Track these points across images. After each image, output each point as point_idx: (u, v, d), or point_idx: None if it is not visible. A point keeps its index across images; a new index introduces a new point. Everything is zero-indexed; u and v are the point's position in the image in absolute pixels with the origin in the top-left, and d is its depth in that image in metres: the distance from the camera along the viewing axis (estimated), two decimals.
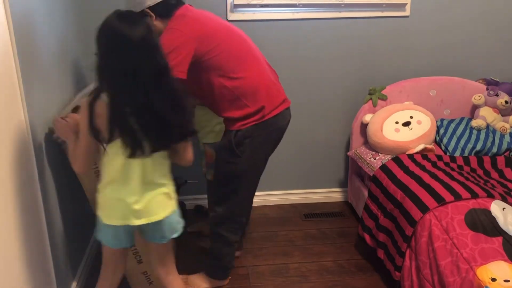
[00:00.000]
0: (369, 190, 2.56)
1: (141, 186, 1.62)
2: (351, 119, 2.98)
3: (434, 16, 2.93)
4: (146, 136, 1.54)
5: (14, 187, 1.60)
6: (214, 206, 2.23)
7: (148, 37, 1.49)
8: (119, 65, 1.48)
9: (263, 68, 2.11)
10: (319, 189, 3.16)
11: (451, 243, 1.91)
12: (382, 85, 2.94)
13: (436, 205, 2.08)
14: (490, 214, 1.98)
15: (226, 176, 2.15)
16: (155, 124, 1.54)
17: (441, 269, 1.89)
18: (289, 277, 2.45)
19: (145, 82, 1.49)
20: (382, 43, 2.94)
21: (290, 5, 2.79)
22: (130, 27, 1.48)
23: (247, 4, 2.74)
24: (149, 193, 1.64)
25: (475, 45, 3.01)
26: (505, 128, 2.78)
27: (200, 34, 1.95)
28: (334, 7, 2.83)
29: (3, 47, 1.56)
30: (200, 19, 2.00)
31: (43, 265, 1.86)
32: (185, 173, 3.03)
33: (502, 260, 1.78)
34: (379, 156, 2.68)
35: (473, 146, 2.68)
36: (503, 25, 3.00)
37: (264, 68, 2.11)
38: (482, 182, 2.31)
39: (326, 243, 2.74)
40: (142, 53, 1.48)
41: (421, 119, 2.74)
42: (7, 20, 1.58)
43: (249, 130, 2.05)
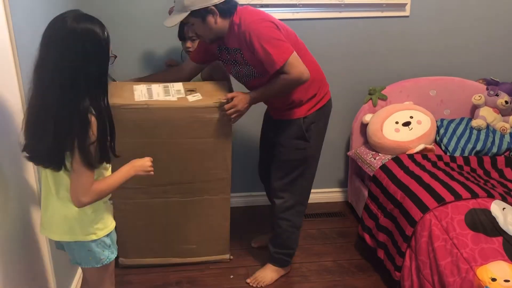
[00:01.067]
0: (369, 190, 2.56)
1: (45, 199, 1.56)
2: (351, 119, 2.98)
3: (434, 16, 2.92)
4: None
5: (13, 188, 1.60)
6: (281, 193, 2.28)
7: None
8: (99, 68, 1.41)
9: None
10: (319, 189, 3.16)
11: (451, 243, 1.91)
12: (382, 85, 2.94)
13: (436, 205, 2.08)
14: (490, 214, 1.98)
15: (295, 162, 2.22)
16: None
17: (441, 269, 1.89)
18: (289, 277, 2.45)
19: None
20: (382, 43, 2.94)
21: (290, 5, 2.79)
22: (101, 26, 1.41)
23: (247, 4, 2.74)
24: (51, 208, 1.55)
25: (475, 45, 3.01)
26: (505, 128, 2.78)
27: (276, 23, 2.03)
28: (334, 7, 2.83)
29: (3, 47, 1.56)
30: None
31: (41, 269, 1.85)
32: None
33: (502, 260, 1.78)
34: (379, 156, 2.68)
35: (473, 146, 2.68)
36: (503, 25, 3.00)
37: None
38: (482, 182, 2.31)
39: (326, 243, 2.74)
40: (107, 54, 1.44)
41: (421, 119, 2.74)
42: (7, 20, 1.58)
43: (314, 116, 2.19)
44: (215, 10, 1.96)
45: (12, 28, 1.60)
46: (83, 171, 1.40)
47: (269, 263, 2.43)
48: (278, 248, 2.39)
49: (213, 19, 1.98)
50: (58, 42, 1.36)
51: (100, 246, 1.59)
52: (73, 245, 1.59)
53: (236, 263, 2.53)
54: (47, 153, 1.42)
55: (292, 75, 1.95)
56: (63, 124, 1.37)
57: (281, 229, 2.33)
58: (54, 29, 1.38)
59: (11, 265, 1.56)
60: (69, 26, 1.36)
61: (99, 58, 1.40)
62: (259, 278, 2.38)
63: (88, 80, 1.37)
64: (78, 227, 1.54)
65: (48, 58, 1.36)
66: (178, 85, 2.19)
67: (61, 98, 1.36)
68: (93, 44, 1.38)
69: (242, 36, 1.97)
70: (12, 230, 1.58)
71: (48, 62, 1.36)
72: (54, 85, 1.36)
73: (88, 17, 1.41)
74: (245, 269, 2.50)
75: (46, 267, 1.87)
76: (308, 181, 2.34)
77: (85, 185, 1.42)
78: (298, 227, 2.38)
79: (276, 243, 2.38)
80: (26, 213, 1.70)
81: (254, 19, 1.98)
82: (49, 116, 1.37)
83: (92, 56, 1.38)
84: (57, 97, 1.36)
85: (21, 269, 1.64)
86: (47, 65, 1.36)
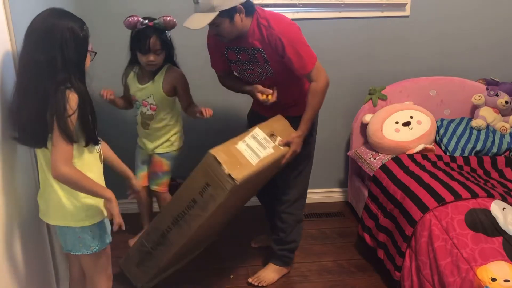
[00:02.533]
0: (369, 190, 2.56)
1: (42, 184, 1.62)
2: (351, 119, 2.98)
3: (434, 16, 2.93)
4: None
5: (14, 189, 1.60)
6: (287, 190, 2.32)
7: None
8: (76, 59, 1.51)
9: None
10: (319, 189, 3.16)
11: (451, 243, 1.91)
12: (382, 85, 2.94)
13: (436, 205, 2.08)
14: (490, 214, 1.98)
15: (301, 157, 2.24)
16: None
17: (441, 269, 1.89)
18: (289, 277, 2.45)
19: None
20: (382, 43, 2.94)
21: (290, 5, 2.79)
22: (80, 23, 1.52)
23: None
24: (46, 192, 1.61)
25: (475, 45, 3.01)
26: (505, 128, 2.78)
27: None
28: (334, 7, 2.83)
29: (3, 47, 1.56)
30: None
31: (43, 267, 1.86)
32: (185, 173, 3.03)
33: (502, 260, 1.78)
34: (379, 156, 2.68)
35: (473, 146, 2.68)
36: (503, 25, 3.00)
37: None
38: (482, 182, 2.31)
39: (326, 243, 2.74)
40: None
41: (421, 119, 2.74)
42: (7, 20, 1.58)
43: None
44: (242, 9, 1.96)
45: (12, 28, 1.60)
46: (61, 142, 1.45)
47: (271, 263, 2.43)
48: (282, 245, 2.39)
49: (240, 17, 1.97)
50: (37, 34, 1.46)
51: (90, 234, 1.63)
52: (66, 230, 1.63)
53: (236, 263, 2.53)
54: (31, 131, 1.51)
55: (320, 82, 2.07)
56: (41, 101, 1.46)
57: (286, 224, 2.34)
58: (35, 23, 1.48)
59: (12, 268, 1.57)
60: (48, 21, 1.47)
61: (75, 50, 1.48)
62: (261, 278, 2.39)
63: (65, 67, 1.46)
64: (69, 212, 1.58)
65: (28, 50, 1.47)
66: (261, 133, 2.10)
67: (38, 78, 1.46)
68: (70, 37, 1.46)
69: (272, 39, 2.01)
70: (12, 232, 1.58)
71: (28, 53, 1.47)
72: (32, 70, 1.46)
73: (68, 14, 1.52)
74: (245, 269, 2.50)
75: (47, 270, 1.88)
76: (309, 174, 2.40)
77: (64, 156, 1.47)
78: (301, 221, 2.42)
79: (281, 240, 2.38)
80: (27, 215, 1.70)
81: (285, 23, 2.03)
82: (28, 96, 1.48)
83: (68, 48, 1.46)
84: (35, 78, 1.47)
85: (22, 271, 1.64)
86: (27, 55, 1.47)
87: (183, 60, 2.46)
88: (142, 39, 2.23)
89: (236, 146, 1.98)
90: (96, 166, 1.64)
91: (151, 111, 2.39)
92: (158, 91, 2.35)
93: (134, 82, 2.39)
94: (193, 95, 2.48)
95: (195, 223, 1.99)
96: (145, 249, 2.16)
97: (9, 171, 1.57)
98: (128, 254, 2.27)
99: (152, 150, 2.48)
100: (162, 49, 2.27)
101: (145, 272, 2.22)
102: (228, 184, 1.84)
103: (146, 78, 2.36)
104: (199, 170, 1.93)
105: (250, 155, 1.99)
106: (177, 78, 2.36)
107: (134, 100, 2.43)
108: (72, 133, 1.46)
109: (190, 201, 1.97)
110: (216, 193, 1.89)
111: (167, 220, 2.06)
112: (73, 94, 1.46)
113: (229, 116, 2.92)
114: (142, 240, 2.17)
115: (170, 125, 2.45)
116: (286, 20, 2.07)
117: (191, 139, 3.01)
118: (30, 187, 1.75)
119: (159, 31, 2.25)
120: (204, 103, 2.59)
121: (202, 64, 2.43)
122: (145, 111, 2.39)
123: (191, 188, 1.96)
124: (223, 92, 2.43)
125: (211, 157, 1.86)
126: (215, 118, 2.93)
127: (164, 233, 2.09)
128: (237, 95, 2.35)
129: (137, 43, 2.25)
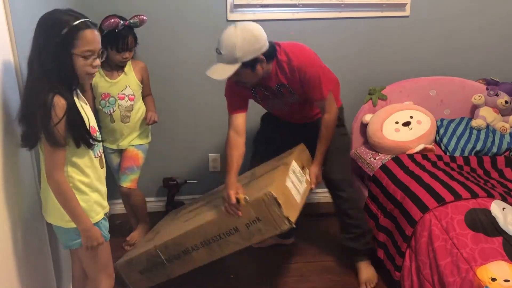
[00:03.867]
0: (369, 190, 2.56)
1: (43, 183, 1.63)
2: (351, 119, 2.98)
3: (434, 16, 2.93)
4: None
5: (14, 189, 1.60)
6: (343, 184, 2.35)
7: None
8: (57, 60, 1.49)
9: None
10: (319, 189, 3.15)
11: (451, 243, 1.91)
12: (382, 85, 2.94)
13: (436, 205, 2.08)
14: (490, 214, 1.98)
15: (342, 150, 2.36)
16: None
17: (441, 269, 1.89)
18: (289, 277, 2.45)
19: None
20: (382, 43, 2.94)
21: (290, 5, 2.79)
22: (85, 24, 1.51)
23: (247, 4, 2.74)
24: (46, 191, 1.62)
25: (475, 45, 3.01)
26: (505, 128, 2.78)
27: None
28: (334, 7, 2.83)
29: (3, 47, 1.56)
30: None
31: (43, 266, 1.86)
32: (185, 173, 3.04)
33: (502, 260, 1.78)
34: (379, 156, 2.68)
35: (473, 146, 2.68)
36: (503, 25, 3.00)
37: None
38: (482, 182, 2.31)
39: (326, 243, 2.74)
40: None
41: (421, 119, 2.74)
42: (7, 20, 1.58)
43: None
44: (264, 59, 2.02)
45: (12, 28, 1.60)
46: (50, 149, 1.48)
47: (362, 262, 2.41)
48: (364, 238, 2.38)
49: (261, 66, 2.03)
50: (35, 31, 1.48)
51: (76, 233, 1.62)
52: (62, 230, 1.64)
53: (237, 263, 2.53)
54: (29, 134, 1.52)
55: (333, 114, 2.19)
56: (29, 107, 1.48)
57: (356, 218, 2.38)
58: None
59: (12, 267, 1.57)
60: (46, 15, 1.49)
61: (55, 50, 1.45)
62: (368, 280, 2.36)
63: (45, 70, 1.45)
64: (62, 213, 1.58)
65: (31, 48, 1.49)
66: (296, 166, 2.16)
67: (28, 84, 1.49)
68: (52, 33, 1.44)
69: (293, 71, 2.09)
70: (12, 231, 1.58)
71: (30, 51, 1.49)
72: (28, 69, 1.49)
73: (74, 13, 1.50)
74: (245, 269, 2.50)
75: (47, 268, 1.88)
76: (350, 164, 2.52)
77: (55, 162, 1.50)
78: (362, 208, 2.49)
79: (358, 236, 2.37)
80: (27, 215, 1.70)
81: (302, 52, 2.12)
82: (27, 97, 1.51)
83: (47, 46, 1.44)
84: (27, 84, 1.50)
85: (21, 270, 1.64)
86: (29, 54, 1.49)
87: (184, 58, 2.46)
88: (120, 39, 2.36)
89: (286, 185, 1.99)
90: (92, 170, 1.62)
91: (130, 101, 2.50)
92: (133, 81, 2.50)
93: (103, 80, 2.46)
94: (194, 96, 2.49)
95: (229, 249, 2.01)
96: (158, 259, 2.12)
97: (9, 170, 1.57)
98: (130, 259, 2.21)
99: (128, 144, 2.57)
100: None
101: (149, 279, 2.20)
102: (284, 225, 1.88)
103: (115, 74, 2.48)
104: (253, 204, 1.90)
105: (296, 193, 2.04)
106: (143, 68, 2.54)
107: (105, 99, 2.47)
108: (59, 139, 1.46)
109: (231, 228, 1.97)
110: (266, 229, 1.91)
111: (195, 239, 2.03)
112: (60, 99, 1.45)
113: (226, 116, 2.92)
114: (156, 251, 2.12)
115: (143, 115, 2.56)
116: (303, 50, 2.14)
117: (189, 139, 3.02)
118: (31, 186, 1.75)
119: (132, 29, 2.41)
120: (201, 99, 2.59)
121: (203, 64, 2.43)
122: (124, 103, 2.48)
123: (236, 217, 1.94)
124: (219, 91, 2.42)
125: (272, 198, 1.85)
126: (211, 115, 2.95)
127: (189, 250, 2.06)
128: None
129: (113, 42, 2.36)
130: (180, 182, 3.00)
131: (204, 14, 2.74)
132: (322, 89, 2.13)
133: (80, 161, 1.58)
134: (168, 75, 2.84)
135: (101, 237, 1.64)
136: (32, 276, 1.73)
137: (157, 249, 2.12)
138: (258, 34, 1.98)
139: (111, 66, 2.47)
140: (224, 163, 3.04)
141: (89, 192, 1.61)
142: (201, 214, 2.18)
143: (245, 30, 1.96)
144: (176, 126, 2.95)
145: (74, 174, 1.57)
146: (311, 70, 2.10)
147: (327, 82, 2.15)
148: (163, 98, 2.79)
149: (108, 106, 2.47)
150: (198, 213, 2.22)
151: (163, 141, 2.93)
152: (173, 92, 2.87)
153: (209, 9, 2.74)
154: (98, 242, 1.63)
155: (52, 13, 1.50)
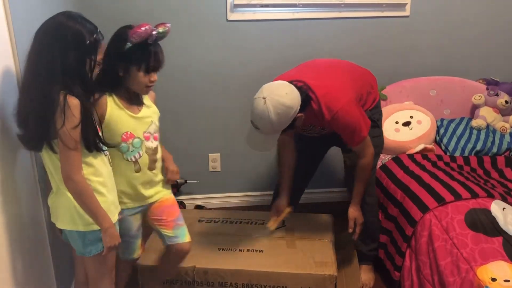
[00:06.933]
0: None
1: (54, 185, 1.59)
2: None
3: (434, 16, 2.93)
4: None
5: (14, 188, 1.60)
6: (368, 188, 2.28)
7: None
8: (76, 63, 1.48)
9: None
10: (319, 189, 3.16)
11: (451, 243, 1.91)
12: (382, 85, 2.94)
13: (436, 205, 2.08)
14: (490, 214, 1.98)
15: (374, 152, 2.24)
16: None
17: (441, 269, 1.89)
18: None
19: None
20: (382, 43, 2.94)
21: (290, 5, 2.79)
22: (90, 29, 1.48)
23: (247, 4, 2.74)
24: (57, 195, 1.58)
25: (475, 45, 3.01)
26: (505, 128, 2.78)
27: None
28: (334, 7, 2.83)
29: (3, 47, 1.56)
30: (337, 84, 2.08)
31: (43, 265, 1.86)
32: (185, 173, 3.04)
33: (502, 260, 1.78)
34: None
35: (473, 146, 2.68)
36: (503, 25, 3.00)
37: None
38: (482, 182, 2.31)
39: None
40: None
41: (421, 119, 2.74)
42: (7, 20, 1.58)
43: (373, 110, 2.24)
44: (301, 116, 1.92)
45: (12, 28, 1.60)
46: (66, 150, 1.45)
47: (364, 265, 2.41)
48: (372, 242, 2.39)
49: (300, 119, 1.94)
50: (43, 34, 1.44)
51: (99, 237, 1.59)
52: (75, 234, 1.60)
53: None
54: (33, 137, 1.49)
55: (368, 158, 2.11)
56: (39, 104, 1.42)
57: (371, 223, 2.34)
58: (45, 23, 1.45)
59: (12, 266, 1.57)
60: (57, 21, 1.44)
61: (76, 56, 1.44)
62: (367, 282, 2.38)
63: (64, 71, 1.42)
64: (77, 216, 1.55)
65: (33, 49, 1.44)
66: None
67: (38, 80, 1.43)
68: (72, 40, 1.42)
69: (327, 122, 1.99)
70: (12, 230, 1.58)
71: (33, 52, 1.44)
72: (34, 71, 1.44)
73: (80, 18, 1.47)
74: None
75: (47, 267, 1.88)
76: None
77: (73, 163, 1.47)
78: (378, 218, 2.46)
79: (369, 239, 2.37)
80: (27, 213, 1.70)
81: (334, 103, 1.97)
82: (28, 98, 1.45)
83: (69, 52, 1.42)
84: (35, 79, 1.43)
85: (22, 269, 1.64)
86: (32, 55, 1.44)
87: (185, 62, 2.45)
88: (152, 55, 1.70)
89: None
90: (105, 170, 1.61)
91: (156, 142, 1.87)
92: (156, 114, 1.89)
93: (124, 115, 1.76)
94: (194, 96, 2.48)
95: None
96: (188, 278, 2.10)
97: (9, 172, 1.57)
98: (156, 267, 2.10)
99: (162, 195, 1.94)
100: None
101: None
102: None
103: (134, 104, 1.79)
104: (315, 278, 2.06)
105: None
106: (153, 95, 1.93)
107: (127, 141, 1.76)
108: (77, 141, 1.45)
109: (280, 286, 2.08)
110: None
111: (241, 278, 2.07)
112: (74, 101, 1.42)
113: (226, 117, 2.92)
114: (193, 272, 2.09)
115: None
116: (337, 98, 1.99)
117: (189, 139, 3.02)
118: (30, 188, 1.75)
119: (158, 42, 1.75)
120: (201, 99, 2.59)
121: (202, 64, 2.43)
122: (150, 145, 1.84)
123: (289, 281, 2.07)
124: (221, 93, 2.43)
125: (334, 279, 2.05)
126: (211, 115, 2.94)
127: (227, 284, 2.09)
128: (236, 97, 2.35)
129: (143, 59, 1.68)
130: (180, 182, 3.00)
131: (204, 13, 2.74)
132: (355, 139, 2.04)
133: (95, 161, 1.57)
134: (168, 75, 2.84)
135: (119, 237, 1.63)
136: (32, 278, 1.73)
137: (195, 271, 2.08)
138: (289, 102, 1.82)
139: (130, 93, 1.76)
140: (224, 163, 3.06)
141: (106, 193, 1.60)
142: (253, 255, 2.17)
143: (276, 103, 1.80)
144: (176, 126, 2.95)
145: (91, 177, 1.55)
146: (344, 123, 1.98)
147: (360, 131, 2.01)
148: (163, 98, 2.78)
149: (132, 151, 1.78)
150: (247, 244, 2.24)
151: (163, 141, 2.92)
152: (173, 92, 2.87)
153: (209, 9, 2.74)
154: (119, 241, 1.62)
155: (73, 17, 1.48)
